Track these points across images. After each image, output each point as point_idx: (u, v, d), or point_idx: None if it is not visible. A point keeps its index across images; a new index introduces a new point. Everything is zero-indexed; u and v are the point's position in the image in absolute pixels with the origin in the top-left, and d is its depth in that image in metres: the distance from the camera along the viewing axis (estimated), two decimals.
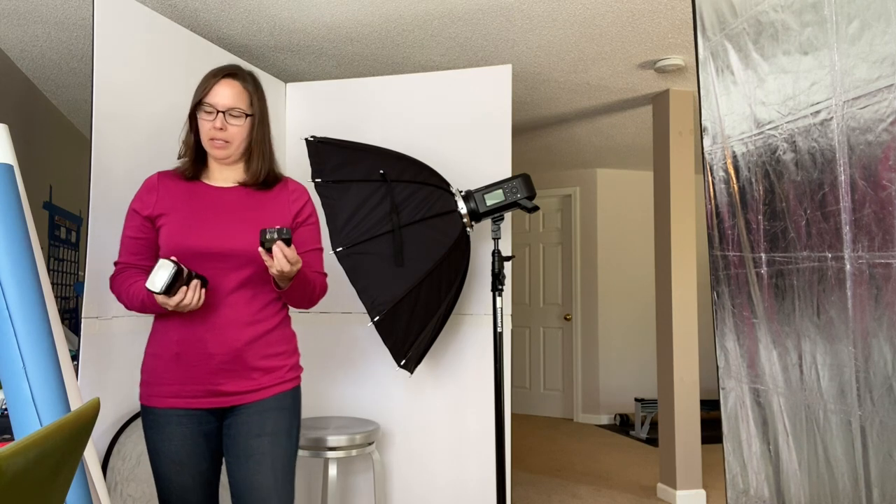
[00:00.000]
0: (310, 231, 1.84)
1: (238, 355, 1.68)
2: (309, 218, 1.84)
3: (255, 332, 1.71)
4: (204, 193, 1.76)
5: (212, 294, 1.69)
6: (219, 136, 1.71)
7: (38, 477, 0.59)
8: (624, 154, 5.68)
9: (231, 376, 1.69)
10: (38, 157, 3.95)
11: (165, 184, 1.77)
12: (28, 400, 1.22)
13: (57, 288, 4.26)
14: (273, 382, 1.74)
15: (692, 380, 3.94)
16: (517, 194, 2.51)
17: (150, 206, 1.74)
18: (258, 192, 1.79)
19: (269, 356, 1.73)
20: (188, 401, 1.69)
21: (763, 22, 1.59)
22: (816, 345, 1.45)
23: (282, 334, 1.78)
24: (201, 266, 1.70)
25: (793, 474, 1.55)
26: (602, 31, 3.10)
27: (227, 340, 1.68)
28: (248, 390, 1.71)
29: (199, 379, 1.68)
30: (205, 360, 1.67)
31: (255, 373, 1.71)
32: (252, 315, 1.71)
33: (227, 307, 1.70)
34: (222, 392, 1.69)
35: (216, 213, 1.72)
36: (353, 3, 2.83)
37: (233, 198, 1.76)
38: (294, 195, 1.83)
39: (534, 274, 6.62)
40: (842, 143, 1.34)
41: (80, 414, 0.68)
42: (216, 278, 1.70)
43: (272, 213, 1.77)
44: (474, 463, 2.91)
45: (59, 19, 2.97)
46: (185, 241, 1.68)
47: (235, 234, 1.70)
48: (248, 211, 1.75)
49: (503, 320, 2.60)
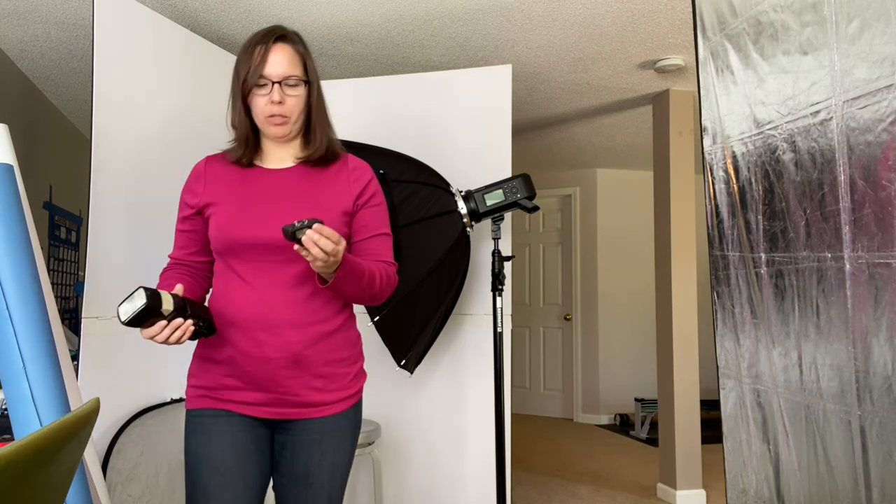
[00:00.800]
0: (374, 214, 1.60)
1: (297, 360, 1.48)
2: (373, 198, 1.61)
3: (316, 333, 1.50)
4: (256, 177, 1.56)
5: (267, 290, 1.49)
6: (277, 111, 1.50)
7: (38, 477, 0.59)
8: (624, 154, 5.68)
9: (290, 384, 1.49)
10: (38, 157, 3.95)
11: (214, 169, 1.59)
12: (28, 400, 1.22)
13: (57, 288, 4.26)
14: (336, 398, 1.54)
15: (692, 380, 3.94)
16: (517, 194, 2.51)
17: (198, 195, 1.56)
18: (317, 169, 1.58)
19: (332, 362, 1.53)
20: (242, 407, 1.50)
21: (763, 22, 1.59)
22: (816, 345, 1.45)
23: (345, 337, 1.57)
24: (254, 259, 1.50)
25: (793, 474, 1.55)
26: (602, 31, 3.10)
27: (285, 343, 1.47)
28: (309, 403, 1.51)
29: (255, 385, 1.49)
30: (261, 364, 1.47)
31: (317, 381, 1.51)
32: (311, 314, 1.50)
33: (283, 305, 1.48)
34: (280, 402, 1.50)
35: (269, 199, 1.52)
36: (353, 3, 2.83)
37: (288, 180, 1.56)
38: (356, 174, 1.60)
39: (534, 274, 6.62)
40: (841, 143, 1.34)
41: (80, 414, 0.68)
42: (270, 272, 1.50)
43: (332, 193, 1.55)
44: (474, 463, 2.91)
45: (59, 19, 2.97)
46: (233, 232, 1.49)
47: (290, 219, 1.49)
48: (304, 193, 1.54)
49: (503, 320, 2.59)
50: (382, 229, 1.62)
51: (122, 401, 2.26)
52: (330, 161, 1.59)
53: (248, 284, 1.49)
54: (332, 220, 1.53)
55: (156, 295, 1.30)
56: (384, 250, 1.61)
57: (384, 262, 1.58)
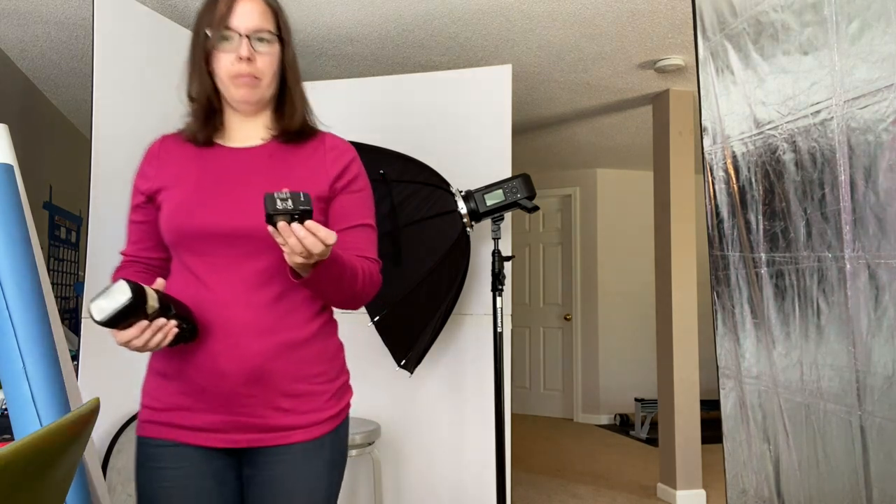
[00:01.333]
0: (355, 201, 1.35)
1: (259, 375, 1.23)
2: (353, 182, 1.35)
3: (282, 343, 1.24)
4: (215, 158, 1.32)
5: (224, 290, 1.25)
6: (246, 70, 1.26)
7: (38, 477, 0.59)
8: (624, 154, 5.68)
9: (251, 404, 1.24)
10: (38, 157, 3.95)
11: (169, 150, 1.35)
12: (28, 400, 1.22)
13: (57, 288, 4.26)
14: (310, 421, 1.27)
15: (692, 380, 3.94)
16: (517, 194, 2.51)
17: (150, 179, 1.33)
18: (288, 147, 1.34)
19: (304, 378, 1.27)
20: (195, 434, 1.25)
21: (763, 22, 1.59)
22: (817, 345, 1.45)
23: (322, 348, 1.30)
24: (209, 253, 1.26)
25: (793, 474, 1.55)
26: (602, 31, 3.10)
27: (243, 354, 1.22)
28: (275, 427, 1.25)
29: (210, 405, 1.24)
30: (216, 380, 1.22)
31: (284, 401, 1.25)
32: (277, 319, 1.25)
33: (243, 308, 1.24)
34: (239, 426, 1.24)
35: (229, 182, 1.28)
36: (353, 3, 2.83)
37: (253, 160, 1.31)
38: (334, 153, 1.35)
39: (534, 274, 6.62)
40: (842, 143, 1.34)
41: (80, 414, 0.68)
42: (228, 269, 1.25)
43: (304, 176, 1.31)
44: (474, 463, 2.91)
45: (59, 19, 2.96)
46: (183, 221, 1.25)
47: (253, 206, 1.25)
48: (270, 175, 1.30)
49: (503, 320, 2.60)
50: (364, 220, 1.36)
51: (122, 401, 2.26)
52: (305, 138, 1.35)
53: (202, 284, 1.25)
54: None
55: (141, 290, 1.08)
56: (365, 244, 1.34)
57: (366, 259, 1.32)
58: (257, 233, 1.23)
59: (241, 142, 1.35)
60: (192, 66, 1.33)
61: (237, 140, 1.35)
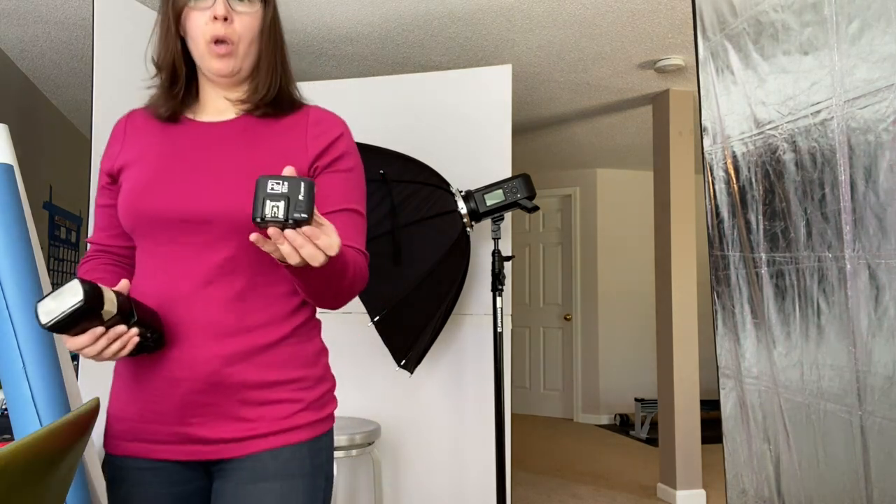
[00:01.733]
0: (338, 181, 1.16)
1: (216, 382, 1.07)
2: (339, 161, 1.16)
3: (245, 345, 1.08)
4: (181, 134, 1.17)
5: (179, 283, 1.10)
6: (222, 32, 1.11)
7: (38, 477, 0.59)
8: (624, 154, 5.68)
9: (206, 414, 1.08)
10: (38, 157, 3.95)
11: (136, 125, 1.21)
12: (28, 400, 1.22)
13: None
14: (280, 428, 1.09)
15: (692, 380, 3.94)
16: (517, 194, 2.51)
17: (114, 158, 1.19)
18: (265, 121, 1.18)
19: (272, 385, 1.10)
20: (151, 447, 1.10)
21: (763, 22, 1.59)
22: (817, 345, 1.45)
23: (296, 352, 1.13)
24: (167, 241, 1.10)
25: (793, 474, 1.55)
26: (602, 31, 3.10)
27: (197, 358, 1.06)
28: (235, 438, 1.08)
29: (163, 416, 1.08)
30: (168, 387, 1.07)
31: (247, 410, 1.08)
32: (240, 317, 1.09)
33: (200, 304, 1.08)
34: (194, 438, 1.08)
35: (191, 160, 1.13)
36: (353, 3, 2.83)
37: (222, 135, 1.16)
38: (319, 127, 1.17)
39: (534, 274, 6.62)
40: (842, 143, 1.34)
41: (80, 414, 0.68)
42: (187, 260, 1.10)
43: (278, 151, 1.14)
44: (474, 463, 2.91)
45: (59, 19, 2.96)
46: (138, 203, 1.10)
47: (218, 186, 1.09)
48: (239, 152, 1.13)
49: (503, 320, 2.60)
50: (349, 204, 1.16)
51: None
52: (284, 111, 1.18)
53: (157, 276, 1.11)
54: None
55: (96, 291, 0.93)
56: (350, 232, 1.14)
57: (354, 250, 1.12)
58: (218, 218, 1.07)
59: (214, 115, 1.19)
60: (161, 26, 1.18)
61: (209, 113, 1.19)
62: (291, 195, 0.85)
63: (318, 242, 0.88)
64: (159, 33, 1.19)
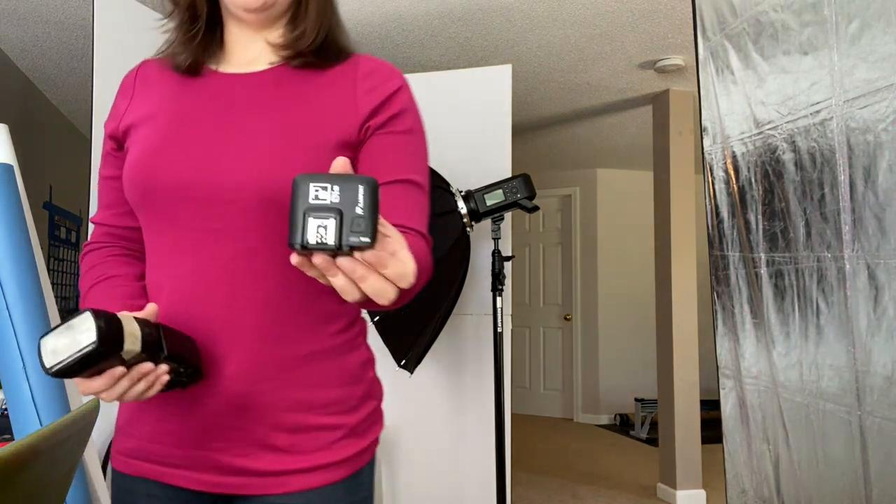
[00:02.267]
0: (396, 144, 0.92)
1: (244, 403, 0.87)
2: (396, 120, 0.92)
3: (278, 357, 0.87)
4: (204, 87, 0.94)
5: (203, 279, 0.87)
6: None
7: (37, 477, 0.59)
8: (624, 154, 5.68)
9: (231, 439, 0.88)
10: (38, 157, 3.95)
11: (148, 78, 0.99)
12: (28, 400, 1.22)
13: (57, 288, 4.26)
14: (317, 464, 0.89)
15: (692, 380, 3.94)
16: (517, 194, 2.51)
17: (119, 117, 0.97)
18: (305, 73, 0.94)
19: (310, 407, 0.89)
20: (163, 470, 0.91)
21: (763, 22, 1.59)
22: (817, 345, 1.45)
23: (340, 366, 0.91)
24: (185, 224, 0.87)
25: (792, 474, 1.55)
26: (602, 31, 3.10)
27: (222, 374, 0.86)
28: (266, 472, 0.88)
29: (179, 439, 0.89)
30: (185, 406, 0.88)
31: (279, 437, 0.88)
32: (272, 323, 0.87)
33: (221, 309, 0.87)
34: (216, 465, 0.89)
35: (217, 119, 0.90)
36: (353, 3, 2.83)
37: (253, 89, 0.92)
38: (372, 80, 0.93)
39: (534, 274, 6.62)
40: (841, 143, 1.34)
41: (80, 414, 0.68)
42: (204, 249, 0.87)
43: (322, 110, 0.90)
44: (474, 463, 2.91)
45: (59, 19, 2.96)
46: (148, 172, 0.88)
47: (247, 154, 0.86)
48: (276, 109, 0.90)
49: (503, 320, 2.60)
50: (408, 174, 0.91)
51: None
52: (329, 61, 0.94)
53: (168, 270, 0.89)
54: (314, 160, 0.86)
55: (113, 329, 0.73)
56: (409, 209, 0.89)
57: (412, 233, 0.87)
58: (244, 195, 0.84)
59: (243, 66, 0.95)
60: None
61: (237, 63, 0.96)
62: (345, 207, 0.58)
63: (387, 272, 0.61)
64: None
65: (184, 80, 0.95)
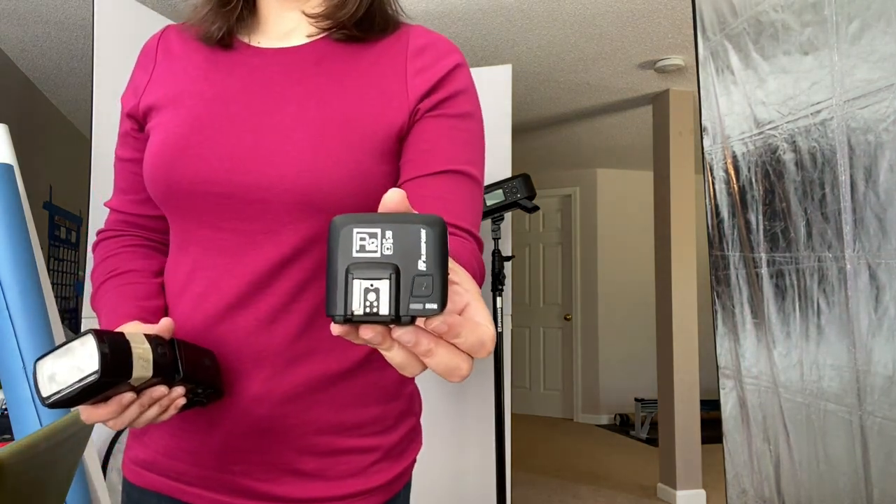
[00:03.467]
0: (449, 129, 0.80)
1: (267, 426, 0.78)
2: (450, 102, 0.81)
3: (309, 375, 0.79)
4: (237, 63, 0.83)
5: (228, 287, 0.78)
6: None
7: (38, 477, 0.59)
8: (624, 154, 5.68)
9: (254, 462, 0.80)
10: (38, 157, 3.95)
11: (171, 49, 0.88)
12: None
13: (57, 288, 4.26)
14: (349, 492, 0.80)
15: (692, 380, 3.94)
16: (517, 194, 2.51)
17: (139, 94, 0.86)
18: (350, 47, 0.83)
19: (341, 429, 0.80)
20: (180, 487, 0.82)
21: (763, 22, 1.59)
22: (817, 345, 1.45)
23: (374, 383, 0.82)
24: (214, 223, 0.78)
25: (793, 474, 1.55)
26: (602, 31, 3.10)
27: (243, 398, 0.78)
28: (290, 499, 0.80)
29: (197, 458, 0.81)
30: (203, 428, 0.80)
31: (306, 461, 0.80)
32: (303, 338, 0.78)
33: (248, 320, 0.78)
34: (239, 488, 0.80)
35: (251, 104, 0.79)
36: None
37: (292, 67, 0.82)
38: (425, 56, 0.82)
39: (534, 274, 6.62)
40: (842, 143, 1.34)
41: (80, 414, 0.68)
42: (233, 253, 0.78)
43: (369, 91, 0.80)
44: (474, 463, 2.91)
45: (59, 19, 2.96)
46: (172, 166, 0.78)
47: (279, 147, 0.76)
48: (317, 91, 0.80)
49: (503, 320, 2.59)
50: (460, 164, 0.79)
51: None
52: (376, 33, 0.84)
53: (198, 270, 0.80)
54: (360, 153, 0.77)
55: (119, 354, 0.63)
56: (459, 204, 0.78)
57: (463, 234, 0.77)
58: (279, 195, 0.75)
59: (279, 39, 0.85)
60: None
61: (272, 35, 0.85)
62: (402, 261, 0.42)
63: (460, 342, 0.44)
64: None
65: (213, 54, 0.84)
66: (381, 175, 0.78)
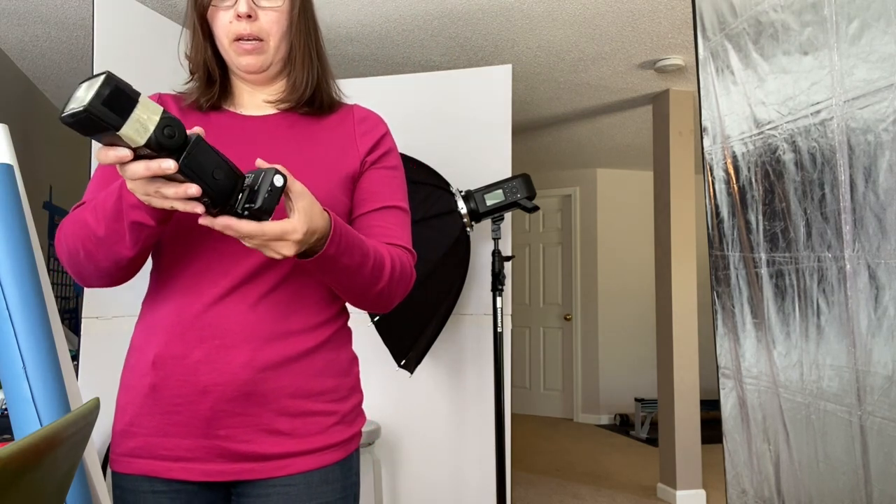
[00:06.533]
0: (385, 177, 1.14)
1: (250, 390, 0.99)
2: (386, 158, 1.15)
3: (284, 352, 1.02)
4: (223, 123, 1.11)
5: (213, 281, 1.02)
6: (246, 30, 1.05)
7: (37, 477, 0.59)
8: (624, 154, 5.68)
9: (238, 426, 1.00)
10: (38, 157, 3.95)
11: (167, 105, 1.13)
12: (28, 400, 1.22)
13: (57, 288, 4.26)
14: (315, 446, 1.03)
15: (692, 380, 3.94)
16: (517, 194, 2.51)
17: None
18: (307, 119, 1.13)
19: (307, 395, 1.03)
20: (169, 465, 1.00)
21: (763, 22, 1.59)
22: (817, 345, 1.45)
23: (331, 360, 1.07)
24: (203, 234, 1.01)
25: (793, 474, 1.55)
26: (602, 31, 3.10)
27: (231, 364, 0.99)
28: (270, 455, 1.01)
29: (187, 429, 1.00)
30: (195, 397, 0.99)
31: (282, 421, 1.01)
32: (278, 320, 1.02)
33: (235, 307, 1.01)
34: (223, 453, 1.00)
35: (242, 152, 1.04)
36: (353, 3, 2.83)
37: (272, 128, 1.11)
38: (366, 124, 1.16)
39: (534, 274, 6.62)
40: (842, 143, 1.34)
41: (80, 414, 0.68)
42: (221, 256, 1.02)
43: (330, 150, 1.11)
44: (474, 463, 2.91)
45: (59, 19, 2.96)
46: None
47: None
48: (291, 145, 1.09)
49: (503, 320, 2.60)
50: (396, 201, 1.14)
51: None
52: (325, 110, 1.15)
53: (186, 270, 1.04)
54: (330, 186, 1.07)
55: (119, 102, 0.68)
56: (397, 229, 1.12)
57: (396, 247, 1.09)
58: None
59: (255, 109, 1.14)
60: (189, 28, 1.12)
61: (248, 107, 1.14)
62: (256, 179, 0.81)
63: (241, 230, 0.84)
64: (189, 35, 1.13)
65: (206, 116, 1.12)
66: (343, 203, 1.10)
